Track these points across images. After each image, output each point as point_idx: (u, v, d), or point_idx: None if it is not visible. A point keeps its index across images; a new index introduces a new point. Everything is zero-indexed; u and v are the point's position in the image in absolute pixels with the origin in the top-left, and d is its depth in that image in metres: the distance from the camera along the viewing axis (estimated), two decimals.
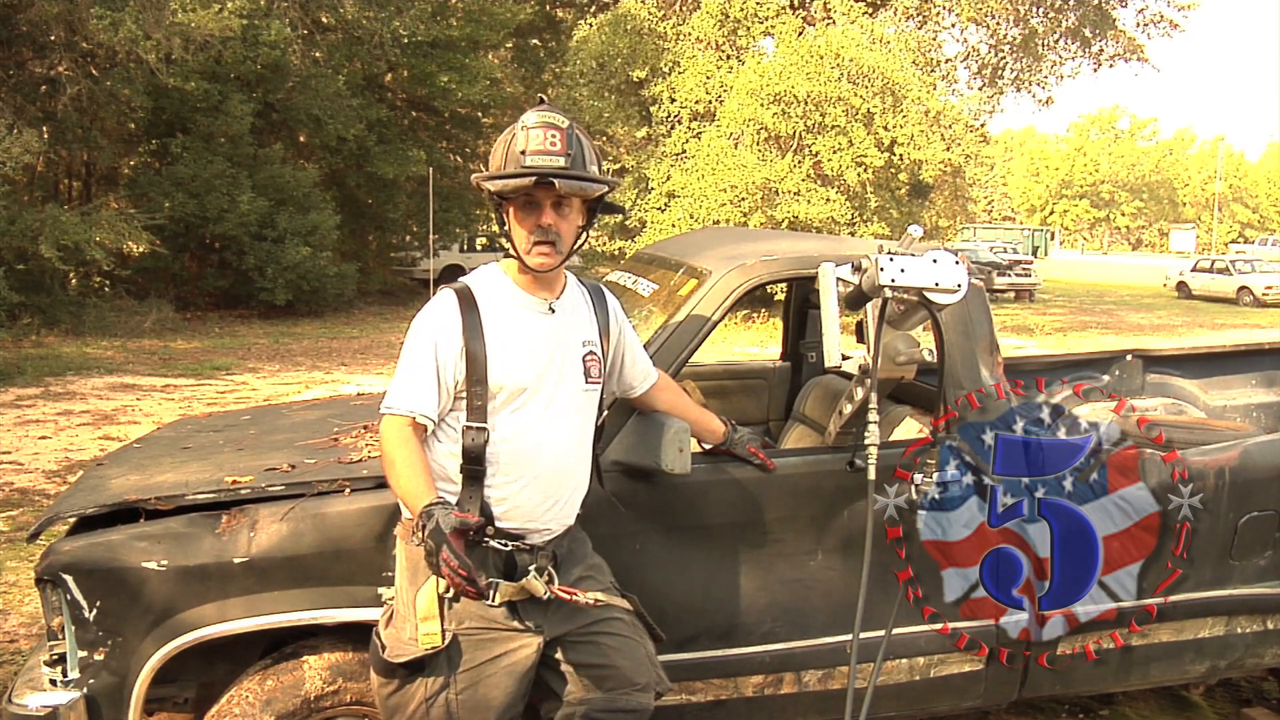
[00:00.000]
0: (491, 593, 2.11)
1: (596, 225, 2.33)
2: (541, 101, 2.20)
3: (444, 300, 2.20)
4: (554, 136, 2.10)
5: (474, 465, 2.15)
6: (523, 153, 2.10)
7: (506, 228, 2.18)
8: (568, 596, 2.18)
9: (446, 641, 2.11)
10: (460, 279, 2.27)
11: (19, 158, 12.33)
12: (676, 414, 2.51)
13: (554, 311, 2.24)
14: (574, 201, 2.17)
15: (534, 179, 2.07)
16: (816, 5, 18.50)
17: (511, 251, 2.19)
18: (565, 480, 2.23)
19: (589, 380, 2.27)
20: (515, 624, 2.16)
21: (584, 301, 2.34)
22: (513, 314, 2.20)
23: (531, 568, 2.17)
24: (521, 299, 2.22)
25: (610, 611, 2.27)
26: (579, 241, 2.24)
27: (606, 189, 2.16)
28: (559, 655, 2.23)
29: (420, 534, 1.97)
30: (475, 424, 2.15)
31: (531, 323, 2.21)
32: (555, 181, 2.06)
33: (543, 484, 2.19)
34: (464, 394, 2.16)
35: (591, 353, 2.29)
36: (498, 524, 2.16)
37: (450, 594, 2.06)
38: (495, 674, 2.14)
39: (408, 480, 2.07)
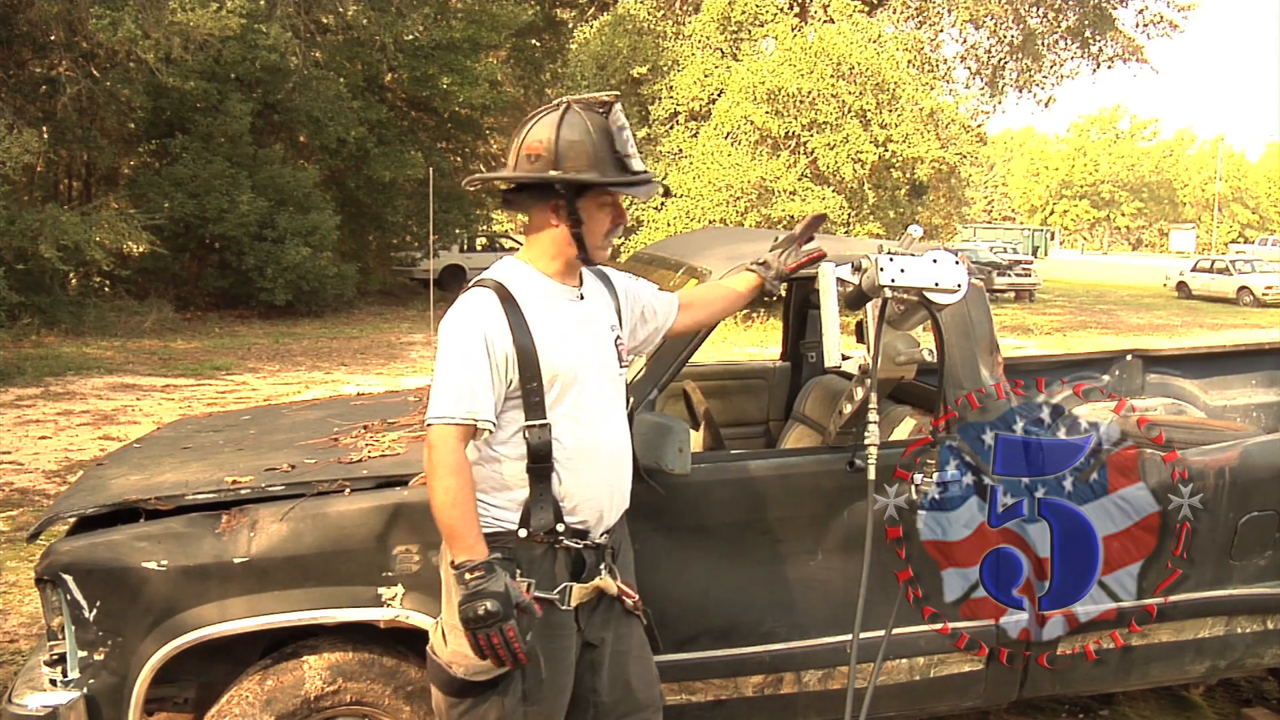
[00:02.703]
0: (566, 596, 2.11)
1: None
2: (618, 98, 2.16)
3: (483, 298, 2.10)
4: (633, 138, 2.13)
5: (542, 464, 2.08)
6: (627, 156, 2.10)
7: (575, 222, 2.11)
8: (630, 594, 2.20)
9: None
10: (486, 275, 2.18)
11: (19, 158, 12.33)
12: (713, 307, 2.54)
13: (583, 298, 2.22)
14: None
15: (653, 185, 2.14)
16: (815, 5, 18.51)
17: (563, 244, 2.14)
18: (622, 465, 2.21)
19: (621, 364, 2.26)
20: (574, 625, 2.15)
21: (601, 288, 2.32)
22: (549, 304, 2.15)
23: (601, 566, 2.17)
24: (553, 288, 2.17)
25: (634, 627, 2.26)
26: None
27: None
28: (584, 670, 2.20)
29: (479, 587, 1.92)
30: (536, 421, 2.08)
31: (568, 311, 2.17)
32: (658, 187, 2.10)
33: (607, 471, 2.16)
34: (518, 393, 2.08)
35: (619, 337, 2.28)
36: (567, 520, 2.11)
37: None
38: (564, 684, 2.13)
39: (462, 516, 1.98)
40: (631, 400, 2.40)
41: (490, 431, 2.05)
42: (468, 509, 1.99)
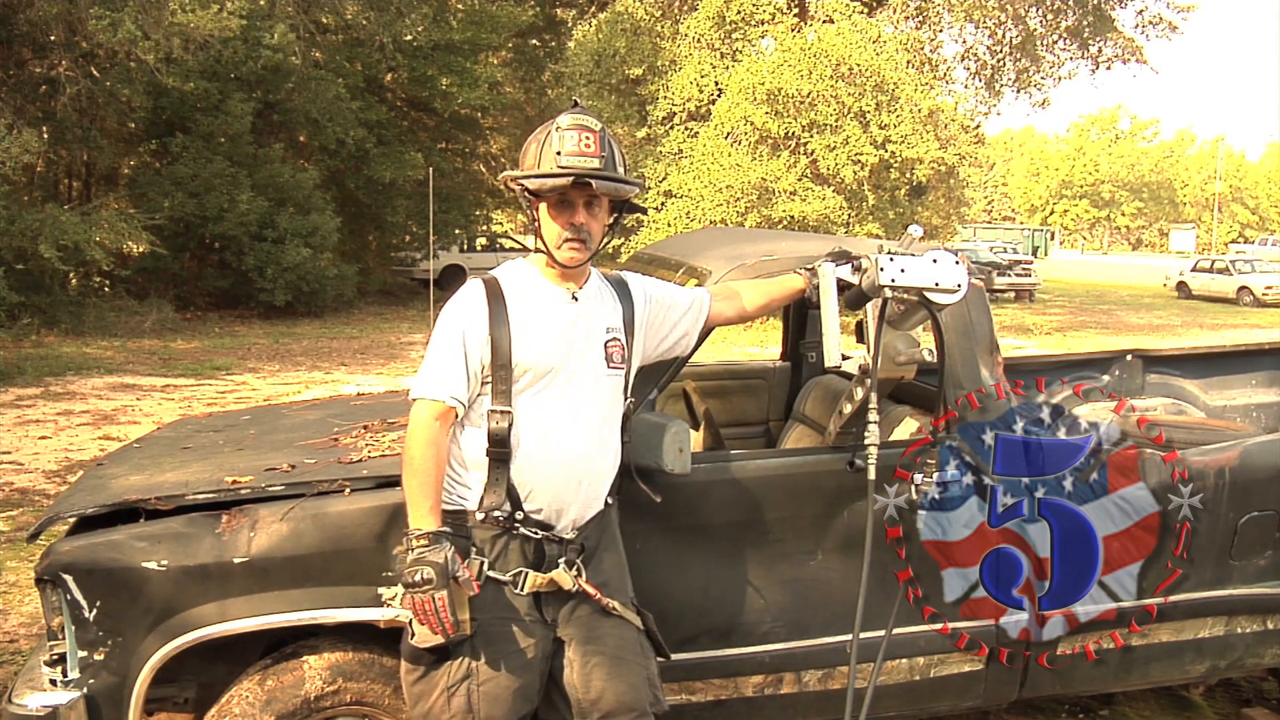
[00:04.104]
0: (520, 582, 2.17)
1: None
2: (575, 104, 2.26)
3: (471, 289, 2.27)
4: (588, 139, 2.17)
5: (500, 448, 2.19)
6: (559, 153, 2.16)
7: (536, 224, 2.25)
8: (593, 592, 2.22)
9: (472, 631, 2.12)
10: (489, 271, 2.33)
11: (19, 158, 12.33)
12: (759, 300, 2.59)
13: (577, 300, 2.29)
14: (604, 201, 2.25)
15: (571, 179, 2.13)
16: (814, 5, 18.51)
17: (540, 247, 2.25)
18: (589, 463, 2.26)
19: (610, 365, 2.31)
20: (536, 615, 2.20)
21: (608, 292, 2.39)
22: (537, 301, 2.26)
23: (561, 560, 2.21)
24: (546, 287, 2.28)
25: (620, 628, 2.26)
26: (606, 239, 2.32)
27: (636, 190, 2.25)
28: (563, 665, 2.23)
29: (421, 554, 2.04)
30: (500, 408, 2.19)
31: (555, 309, 2.26)
32: (592, 182, 2.13)
33: (567, 466, 2.22)
34: (489, 379, 2.21)
35: (615, 339, 2.33)
36: (526, 508, 2.20)
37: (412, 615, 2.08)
38: (516, 667, 2.16)
39: (422, 487, 2.13)
40: (630, 401, 2.40)
41: (461, 411, 2.20)
42: (427, 481, 2.12)
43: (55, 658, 2.39)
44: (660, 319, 2.46)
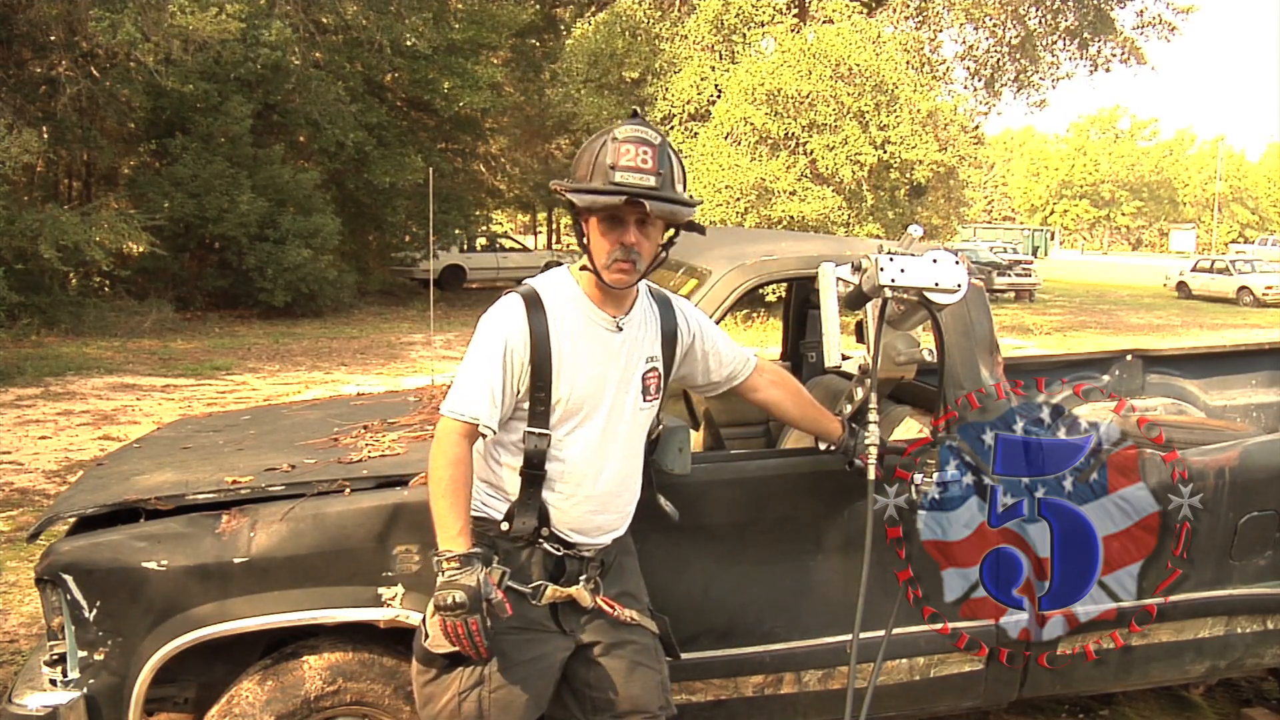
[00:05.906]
0: (539, 593, 2.15)
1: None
2: (635, 114, 2.14)
3: (513, 306, 2.15)
4: (646, 153, 2.02)
5: (535, 470, 2.15)
6: (612, 167, 2.02)
7: (585, 239, 2.12)
8: (610, 609, 2.21)
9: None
10: (528, 282, 2.21)
11: (19, 158, 12.32)
12: (794, 408, 2.53)
13: (621, 329, 2.20)
14: (658, 221, 2.11)
15: (623, 198, 2.00)
16: (814, 5, 18.51)
17: (587, 264, 2.14)
18: (615, 497, 2.24)
19: (646, 398, 2.25)
20: (552, 625, 2.19)
21: (652, 316, 2.29)
22: (581, 328, 2.16)
23: (581, 577, 2.19)
24: (591, 313, 2.18)
25: (638, 634, 2.27)
26: (658, 259, 2.17)
27: (693, 212, 2.12)
28: (580, 666, 2.23)
29: (453, 578, 1.96)
30: (538, 430, 2.14)
31: (598, 339, 2.17)
32: (645, 202, 2.00)
33: (594, 502, 2.20)
34: (526, 401, 2.14)
35: (653, 369, 2.26)
36: (553, 528, 2.17)
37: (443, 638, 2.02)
38: (529, 676, 2.15)
39: (452, 508, 2.03)
40: (661, 427, 2.40)
41: (490, 436, 2.12)
42: (456, 501, 2.04)
43: (55, 658, 2.40)
44: (698, 356, 2.39)
